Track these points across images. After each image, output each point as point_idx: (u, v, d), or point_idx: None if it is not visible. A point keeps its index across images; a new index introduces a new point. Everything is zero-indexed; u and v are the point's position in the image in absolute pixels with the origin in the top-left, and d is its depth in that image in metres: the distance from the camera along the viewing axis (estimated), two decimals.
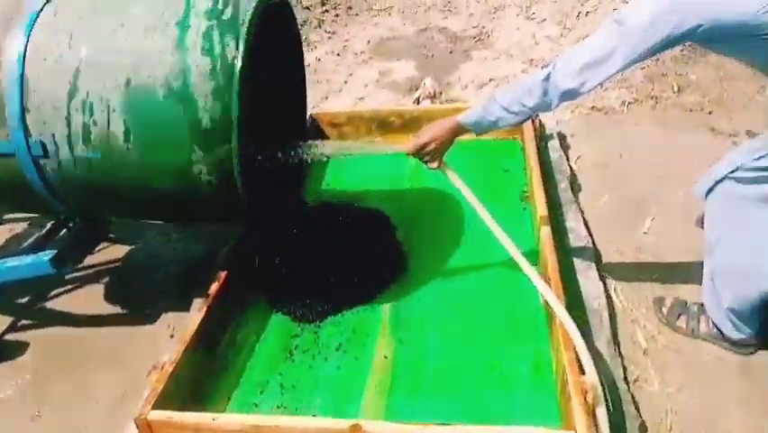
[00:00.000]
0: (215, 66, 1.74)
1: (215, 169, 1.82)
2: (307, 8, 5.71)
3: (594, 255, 2.32)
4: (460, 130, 1.88)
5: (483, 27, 5.10)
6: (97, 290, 2.65)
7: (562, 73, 1.63)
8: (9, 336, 2.46)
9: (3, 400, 2.21)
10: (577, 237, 2.36)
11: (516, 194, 2.68)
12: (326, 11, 5.77)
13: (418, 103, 3.73)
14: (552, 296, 1.81)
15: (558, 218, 2.48)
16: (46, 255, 2.13)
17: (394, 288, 2.28)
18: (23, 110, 1.83)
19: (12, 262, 2.16)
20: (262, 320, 2.22)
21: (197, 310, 2.03)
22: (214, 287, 2.11)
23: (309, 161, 2.16)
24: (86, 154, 1.84)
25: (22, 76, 1.81)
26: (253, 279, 2.32)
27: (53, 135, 1.84)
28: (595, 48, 1.59)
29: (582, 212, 2.59)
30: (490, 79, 4.34)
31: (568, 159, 2.97)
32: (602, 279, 2.22)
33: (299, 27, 5.70)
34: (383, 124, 2.99)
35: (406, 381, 1.93)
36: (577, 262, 2.24)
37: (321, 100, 4.45)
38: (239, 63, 1.74)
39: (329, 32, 5.45)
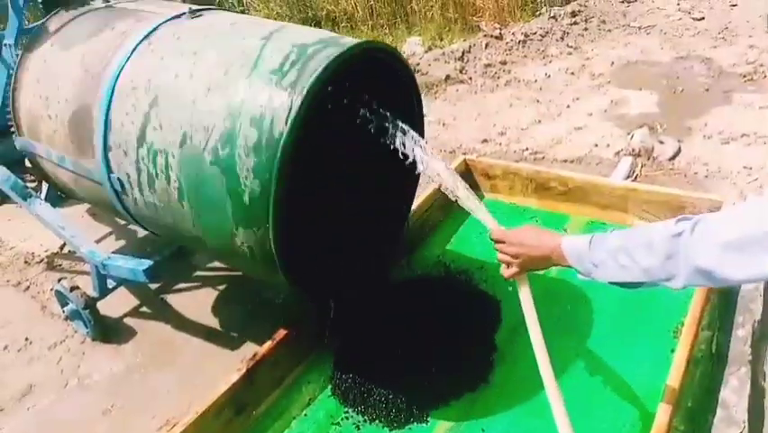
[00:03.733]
0: (261, 139, 1.53)
1: (255, 244, 1.67)
2: (553, 18, 5.16)
3: None
4: (558, 258, 1.33)
5: (761, 64, 4.06)
6: (211, 296, 2.69)
7: (700, 242, 1.04)
8: (127, 319, 2.64)
9: (94, 384, 2.37)
10: (727, 420, 1.64)
11: (672, 324, 1.97)
12: (575, 23, 5.15)
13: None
14: None
15: (714, 380, 1.77)
16: (143, 265, 2.21)
17: (463, 401, 1.88)
18: (107, 148, 1.87)
19: (118, 261, 2.28)
20: (313, 392, 2.00)
21: (236, 370, 1.89)
22: (266, 346, 1.95)
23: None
24: (152, 200, 1.84)
25: (107, 114, 1.83)
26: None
27: (128, 176, 1.87)
28: (760, 217, 0.97)
29: (760, 380, 1.81)
30: (743, 135, 3.43)
31: None
32: None
33: (540, 38, 5.13)
34: (541, 188, 2.48)
35: None
36: None
37: (531, 123, 3.99)
38: (284, 140, 1.51)
39: (571, 47, 4.86)
